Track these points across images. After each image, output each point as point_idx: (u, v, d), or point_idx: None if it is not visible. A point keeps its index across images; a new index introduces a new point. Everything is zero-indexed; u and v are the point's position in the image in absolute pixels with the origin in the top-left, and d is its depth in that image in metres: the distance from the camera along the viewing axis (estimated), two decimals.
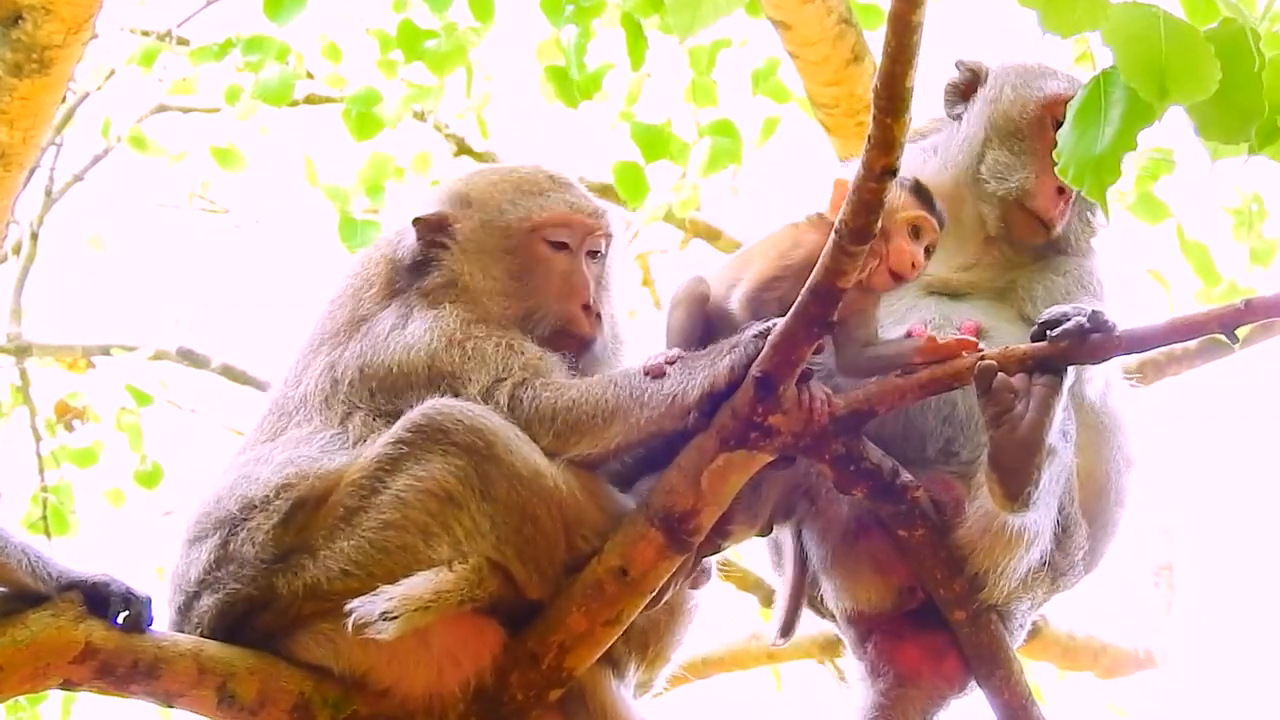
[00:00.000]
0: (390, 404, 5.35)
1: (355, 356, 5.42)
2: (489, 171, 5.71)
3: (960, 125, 5.83)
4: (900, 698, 5.58)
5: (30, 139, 8.61)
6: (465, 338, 5.37)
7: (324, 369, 5.44)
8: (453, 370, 5.33)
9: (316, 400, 5.42)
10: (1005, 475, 5.22)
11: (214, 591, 5.29)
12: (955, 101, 5.88)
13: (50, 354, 12.78)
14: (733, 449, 5.16)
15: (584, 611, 5.24)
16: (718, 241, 12.99)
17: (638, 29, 11.00)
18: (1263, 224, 12.44)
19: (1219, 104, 4.63)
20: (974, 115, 5.80)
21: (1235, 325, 5.02)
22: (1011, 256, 5.76)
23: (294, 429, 5.40)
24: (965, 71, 5.87)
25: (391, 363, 5.37)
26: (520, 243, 5.52)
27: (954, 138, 5.84)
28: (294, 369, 5.54)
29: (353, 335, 5.46)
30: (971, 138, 5.79)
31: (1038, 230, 5.73)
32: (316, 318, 5.61)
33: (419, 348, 5.36)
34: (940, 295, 5.69)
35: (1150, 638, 12.89)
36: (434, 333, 5.37)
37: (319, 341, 5.53)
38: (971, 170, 5.76)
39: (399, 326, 5.41)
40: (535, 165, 5.68)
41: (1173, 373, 12.28)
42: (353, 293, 5.57)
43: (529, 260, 5.51)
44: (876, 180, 4.88)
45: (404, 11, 11.76)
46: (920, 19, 4.70)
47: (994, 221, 5.73)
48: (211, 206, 13.61)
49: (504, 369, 5.32)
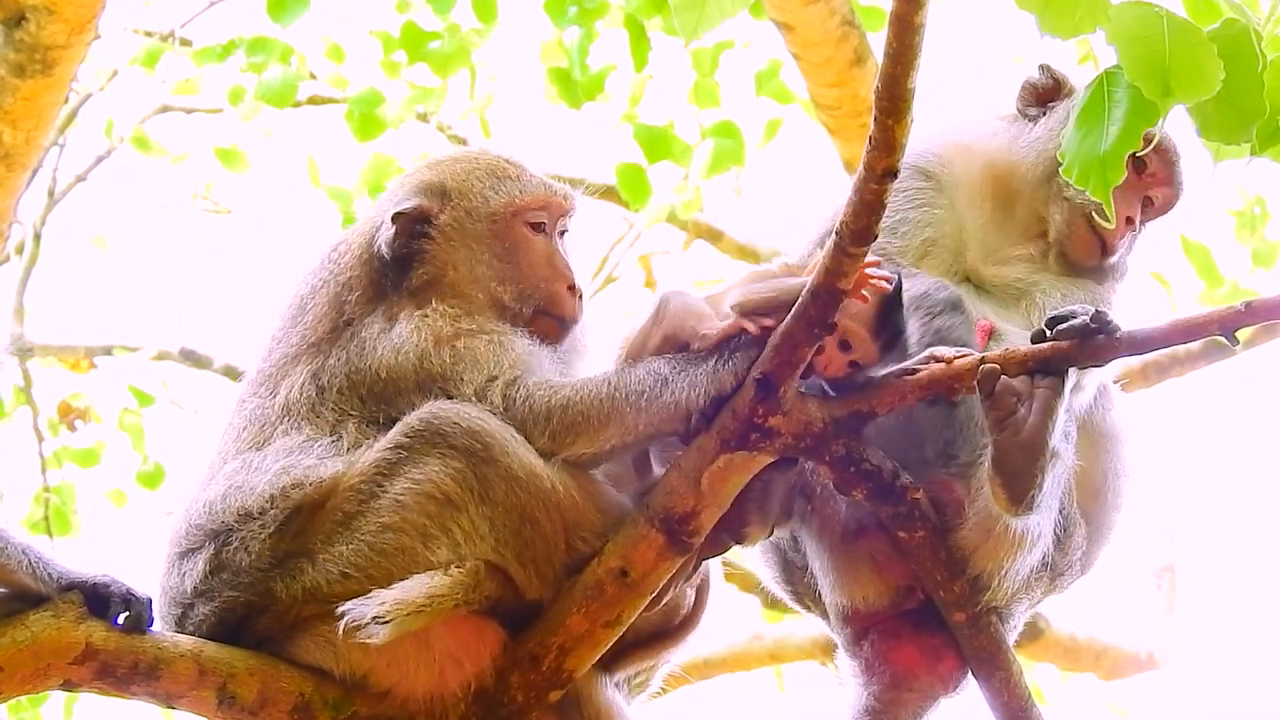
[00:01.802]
0: (381, 410, 5.32)
1: (342, 364, 5.38)
2: (455, 160, 5.66)
3: (1035, 126, 5.83)
4: (894, 700, 5.58)
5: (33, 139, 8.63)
6: (455, 335, 5.35)
7: (307, 378, 5.39)
8: (443, 372, 5.31)
9: (303, 409, 5.37)
10: (1009, 479, 5.22)
11: (209, 600, 5.27)
12: (1030, 103, 5.88)
13: (53, 354, 12.79)
14: (733, 450, 5.16)
15: (584, 613, 5.24)
16: (720, 243, 13.00)
17: (641, 30, 11.01)
18: (1265, 226, 12.44)
19: (1220, 105, 4.63)
20: (1055, 121, 5.80)
21: (1236, 327, 5.02)
22: (1050, 265, 5.76)
23: (281, 438, 5.35)
24: (1048, 78, 5.88)
25: (380, 368, 5.35)
26: (504, 228, 5.51)
27: (1026, 134, 5.84)
28: (268, 377, 5.47)
29: (336, 342, 5.42)
30: (1049, 139, 5.77)
31: (1094, 251, 5.74)
32: (287, 325, 5.53)
33: (408, 349, 5.33)
34: (969, 284, 5.70)
35: (1152, 639, 12.90)
36: (422, 333, 5.34)
37: (298, 350, 5.46)
38: (1040, 169, 5.76)
39: (386, 330, 5.39)
40: (490, 150, 5.69)
41: (1175, 374, 12.29)
42: (331, 299, 5.50)
43: (512, 244, 5.51)
44: (877, 181, 4.88)
45: (407, 13, 11.77)
46: (922, 20, 4.70)
47: (1059, 225, 5.73)
48: (214, 207, 13.63)
49: (496, 367, 5.31)
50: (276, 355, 5.50)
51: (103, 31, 9.07)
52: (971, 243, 5.75)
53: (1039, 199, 5.78)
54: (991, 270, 5.75)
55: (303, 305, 5.54)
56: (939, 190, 5.76)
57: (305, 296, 5.55)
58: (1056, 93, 5.86)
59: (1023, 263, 5.77)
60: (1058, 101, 5.84)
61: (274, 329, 5.57)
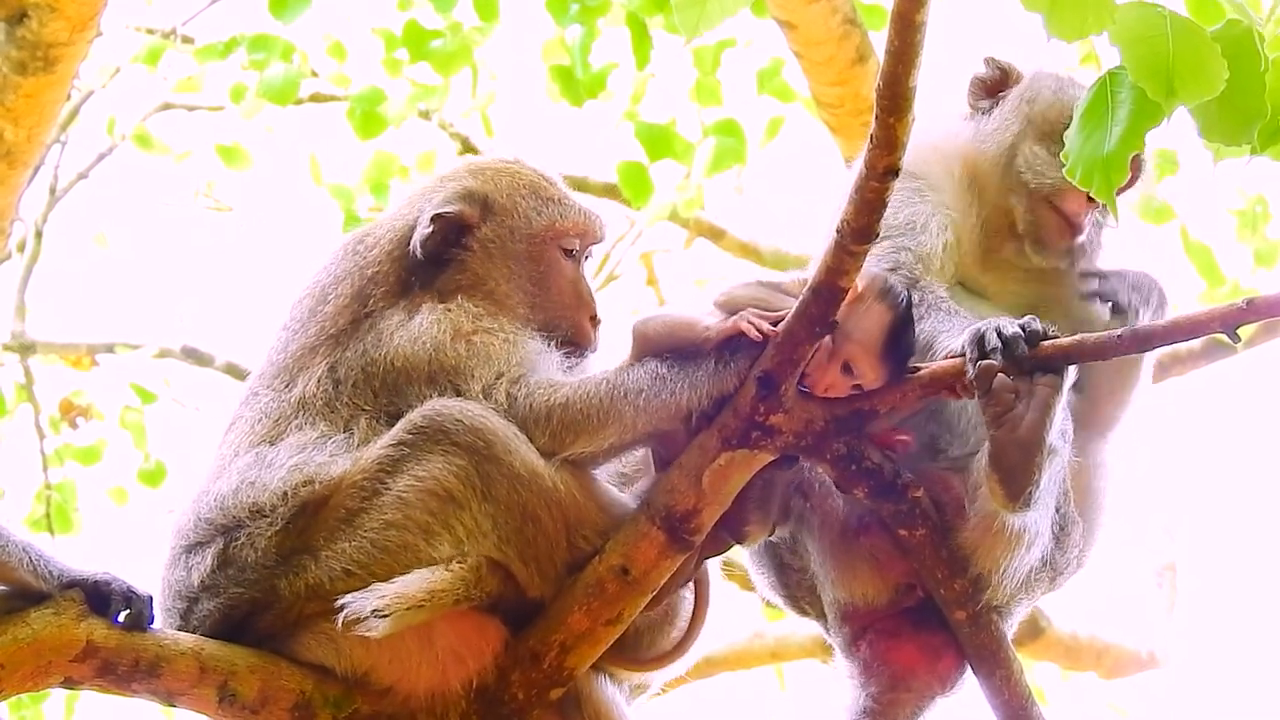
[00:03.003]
0: (393, 404, 5.32)
1: (359, 356, 5.38)
2: (499, 173, 5.63)
3: (988, 119, 5.84)
4: (892, 700, 5.58)
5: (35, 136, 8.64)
6: (473, 331, 5.36)
7: (324, 372, 5.39)
8: (456, 365, 5.31)
9: (318, 404, 5.37)
10: (1006, 475, 5.22)
11: (214, 596, 5.28)
12: (980, 96, 5.89)
13: (54, 352, 12.79)
14: (734, 448, 5.16)
15: (585, 611, 5.24)
16: (722, 241, 13.00)
17: (643, 28, 11.01)
18: (1267, 226, 12.43)
19: (1223, 105, 4.63)
20: (1007, 111, 5.81)
21: (1237, 324, 5.02)
22: (1031, 260, 5.75)
23: (295, 433, 5.35)
24: (995, 69, 5.88)
25: (395, 357, 5.34)
26: (540, 250, 5.52)
27: (982, 128, 5.84)
28: (283, 369, 5.46)
29: (355, 334, 5.42)
30: (1003, 130, 5.78)
31: (1064, 232, 5.72)
32: (305, 316, 5.51)
33: (425, 339, 5.33)
34: (963, 288, 5.70)
35: (1153, 638, 12.90)
36: (441, 325, 5.35)
37: (316, 342, 5.45)
38: (1002, 161, 5.77)
39: (405, 322, 5.39)
40: (531, 164, 5.66)
41: (1176, 374, 12.29)
42: (355, 291, 5.49)
43: (546, 267, 5.51)
44: (879, 179, 4.88)
45: (409, 10, 11.77)
46: (924, 18, 4.70)
47: (1023, 215, 5.73)
48: (216, 205, 13.63)
49: (505, 364, 5.31)
50: (293, 347, 5.48)
51: (104, 29, 9.08)
52: (965, 244, 5.75)
53: (1001, 191, 5.77)
54: (985, 276, 5.75)
55: (324, 296, 5.52)
56: (932, 188, 5.76)
57: (327, 286, 5.53)
58: (1004, 83, 5.87)
59: (1012, 267, 5.77)
60: (1007, 90, 5.85)
61: (288, 320, 5.55)
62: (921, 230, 5.64)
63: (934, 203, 5.71)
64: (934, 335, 5.37)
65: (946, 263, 5.66)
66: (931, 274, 5.60)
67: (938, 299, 5.49)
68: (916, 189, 5.69)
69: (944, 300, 5.49)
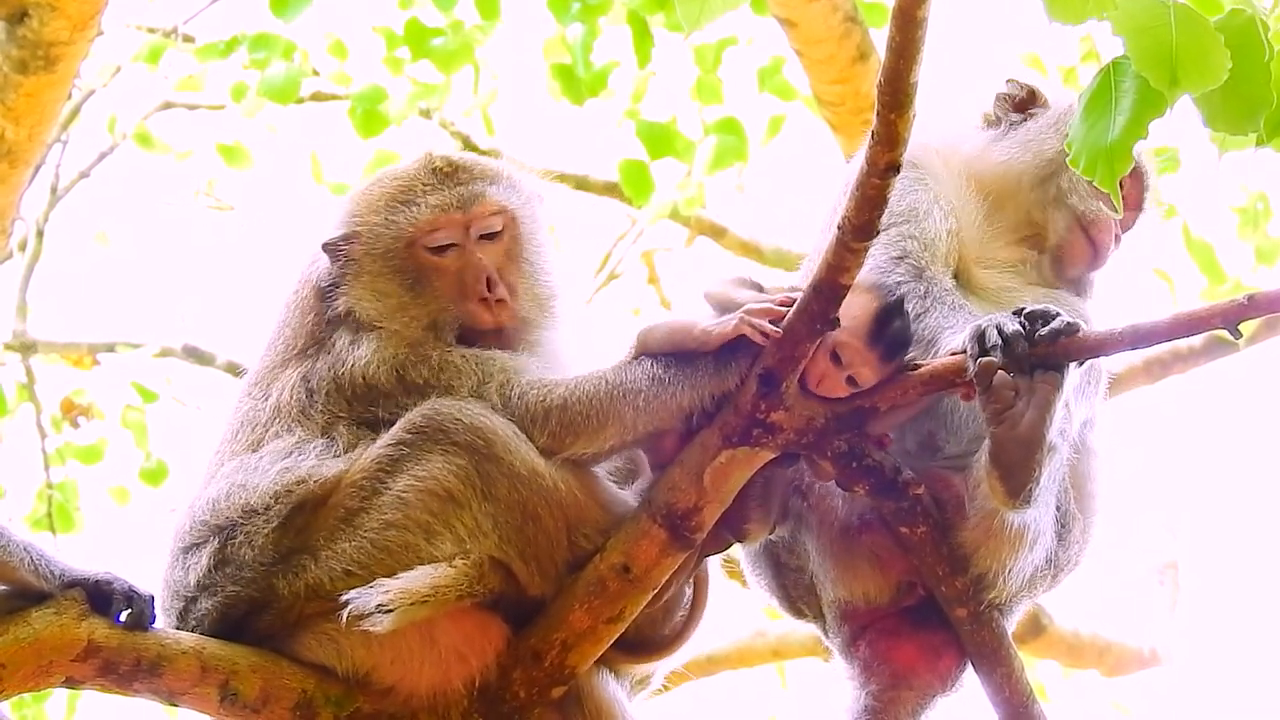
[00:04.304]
0: (369, 411, 5.32)
1: (327, 369, 5.37)
2: (373, 184, 5.55)
3: (1018, 131, 5.81)
4: (893, 699, 5.57)
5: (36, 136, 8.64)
6: (419, 359, 5.33)
7: (297, 380, 5.39)
8: (430, 381, 5.30)
9: (293, 411, 5.35)
10: (1006, 473, 5.21)
11: (212, 595, 5.27)
12: (1008, 109, 5.87)
13: (56, 351, 12.79)
14: (735, 445, 5.16)
15: (586, 609, 5.24)
16: (723, 239, 13.00)
17: (644, 26, 11.01)
18: (1268, 222, 12.43)
19: (1227, 95, 4.62)
20: (1045, 127, 5.79)
21: (1238, 320, 5.01)
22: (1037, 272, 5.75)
23: (273, 440, 5.34)
24: (1020, 88, 5.86)
25: (357, 374, 5.33)
26: (403, 259, 5.42)
27: (1010, 137, 5.83)
28: (260, 378, 5.47)
29: (318, 351, 5.38)
30: (1040, 143, 5.77)
31: (1087, 256, 5.74)
32: (276, 328, 5.52)
33: (379, 363, 5.32)
34: (962, 288, 5.70)
35: (1155, 636, 12.90)
36: (384, 353, 5.32)
37: (285, 355, 5.46)
38: (1039, 174, 5.75)
39: (355, 341, 5.37)
40: (417, 161, 5.53)
41: (1178, 371, 12.29)
42: (299, 317, 5.48)
43: (417, 272, 5.41)
44: (880, 176, 4.88)
45: (410, 9, 11.76)
46: (925, 14, 4.70)
47: (1059, 232, 5.73)
48: (217, 204, 13.63)
49: (484, 374, 5.30)
50: (268, 358, 5.50)
51: (105, 28, 9.09)
52: (964, 239, 5.74)
53: (1033, 202, 5.77)
54: (981, 273, 5.74)
55: (287, 309, 5.54)
56: (932, 178, 5.75)
57: (288, 302, 5.54)
58: (1033, 100, 5.87)
59: (1010, 269, 5.77)
60: (1036, 107, 5.85)
61: (267, 328, 5.57)
62: (925, 216, 5.64)
63: (934, 191, 5.71)
64: (938, 331, 5.37)
65: (951, 249, 5.66)
66: (938, 261, 5.59)
67: (943, 291, 5.48)
68: (916, 178, 5.69)
69: (949, 293, 5.49)
